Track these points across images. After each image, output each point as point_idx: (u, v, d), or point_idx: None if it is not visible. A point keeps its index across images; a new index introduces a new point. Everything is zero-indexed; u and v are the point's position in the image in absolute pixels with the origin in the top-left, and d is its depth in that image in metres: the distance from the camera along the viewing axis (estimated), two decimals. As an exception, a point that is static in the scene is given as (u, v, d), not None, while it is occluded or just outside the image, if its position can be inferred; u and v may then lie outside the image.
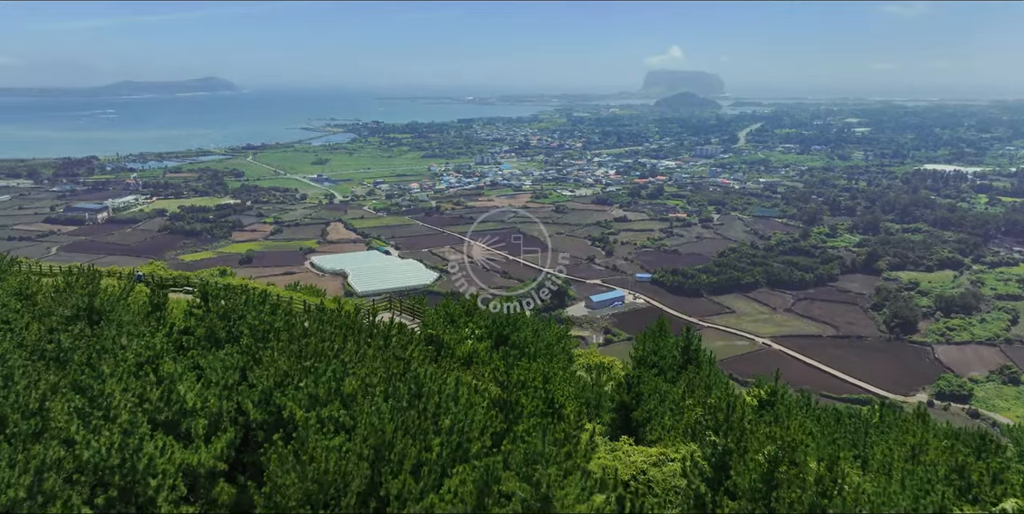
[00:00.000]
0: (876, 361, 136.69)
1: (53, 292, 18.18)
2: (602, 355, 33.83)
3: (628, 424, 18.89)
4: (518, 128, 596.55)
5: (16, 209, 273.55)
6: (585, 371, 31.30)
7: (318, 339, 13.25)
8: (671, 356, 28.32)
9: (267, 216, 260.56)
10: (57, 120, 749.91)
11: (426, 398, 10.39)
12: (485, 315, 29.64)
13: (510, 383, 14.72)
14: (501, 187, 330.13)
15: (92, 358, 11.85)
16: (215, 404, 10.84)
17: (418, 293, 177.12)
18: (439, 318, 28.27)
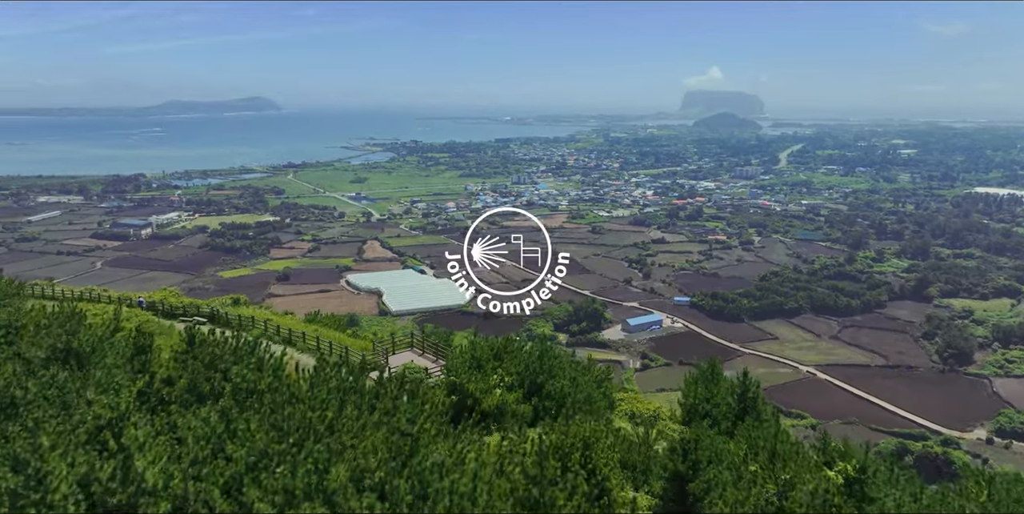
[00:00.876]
0: (929, 393, 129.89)
1: (33, 328, 16.37)
2: (647, 401, 30.64)
3: (683, 497, 16.23)
4: (555, 148, 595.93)
5: (66, 224, 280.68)
6: (629, 421, 28.44)
7: (307, 407, 10.95)
8: (725, 403, 25.37)
9: (305, 234, 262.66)
10: (109, 138, 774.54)
11: (433, 501, 8.04)
12: (517, 357, 26.61)
13: (544, 451, 12.17)
14: (537, 207, 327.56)
15: (40, 419, 9.75)
16: (179, 486, 8.59)
17: (451, 313, 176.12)
18: (464, 362, 25.69)
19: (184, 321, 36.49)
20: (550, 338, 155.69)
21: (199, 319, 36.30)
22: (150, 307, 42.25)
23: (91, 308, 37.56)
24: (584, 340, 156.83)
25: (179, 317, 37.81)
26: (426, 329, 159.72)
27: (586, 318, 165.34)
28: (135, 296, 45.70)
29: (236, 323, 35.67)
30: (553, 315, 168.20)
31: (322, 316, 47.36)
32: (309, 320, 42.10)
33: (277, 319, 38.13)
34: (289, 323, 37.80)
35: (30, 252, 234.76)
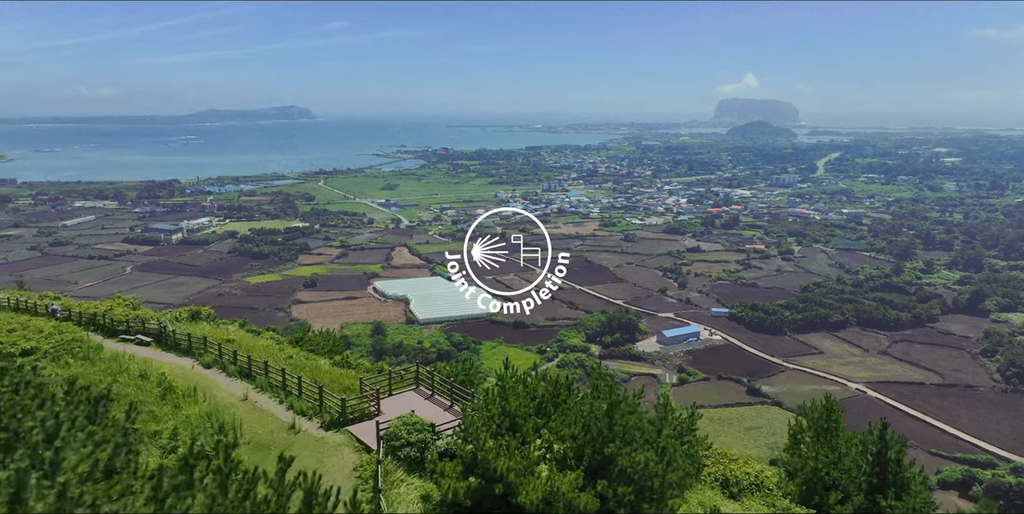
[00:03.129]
0: (992, 415, 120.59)
1: None
2: (738, 458, 22.84)
3: None
4: (586, 155, 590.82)
5: (99, 229, 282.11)
6: (721, 490, 22.07)
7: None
8: (857, 468, 18.57)
9: (334, 240, 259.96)
10: (147, 145, 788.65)
11: None
12: (572, 412, 18.29)
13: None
14: (568, 214, 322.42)
15: None
16: None
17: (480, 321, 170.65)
18: (490, 419, 17.80)
19: (125, 339, 30.70)
20: (582, 349, 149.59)
21: (142, 338, 29.74)
22: (67, 318, 34.52)
23: None
24: (618, 352, 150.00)
25: (120, 334, 32.20)
26: (453, 338, 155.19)
27: (620, 329, 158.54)
28: (50, 302, 38.00)
29: (185, 344, 28.42)
30: (585, 325, 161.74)
31: (313, 334, 38.76)
32: (296, 340, 35.37)
33: (243, 340, 29.90)
34: (257, 346, 29.36)
35: (63, 256, 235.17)
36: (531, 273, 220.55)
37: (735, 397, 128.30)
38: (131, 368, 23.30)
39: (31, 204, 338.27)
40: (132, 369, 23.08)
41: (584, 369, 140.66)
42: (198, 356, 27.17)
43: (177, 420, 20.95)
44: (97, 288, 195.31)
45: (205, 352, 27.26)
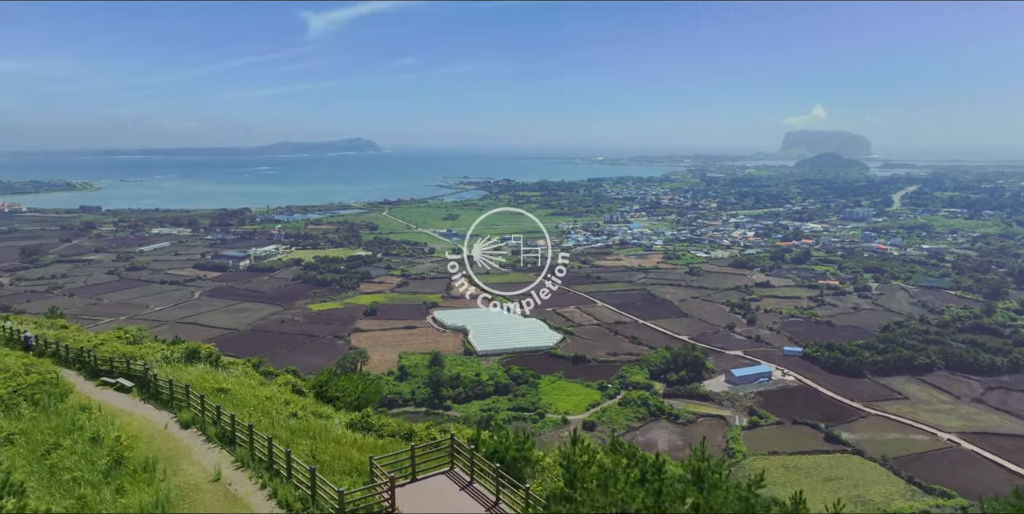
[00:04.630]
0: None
1: None
2: None
3: None
4: (649, 187, 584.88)
5: (173, 255, 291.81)
6: None
7: None
8: None
9: (395, 268, 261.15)
10: (223, 175, 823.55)
11: None
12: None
13: None
14: (630, 246, 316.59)
15: None
16: None
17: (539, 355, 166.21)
18: None
19: (105, 382, 26.14)
20: (645, 386, 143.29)
21: (123, 382, 25.20)
22: (54, 352, 30.60)
23: None
24: (683, 391, 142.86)
25: (103, 375, 26.98)
26: (511, 371, 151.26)
27: (685, 366, 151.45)
28: (23, 329, 33.95)
29: (167, 394, 23.23)
30: (649, 361, 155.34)
31: (341, 378, 31.66)
32: (318, 385, 30.36)
33: (241, 390, 24.24)
34: (256, 397, 23.48)
35: (137, 281, 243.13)
36: (592, 305, 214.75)
37: (812, 444, 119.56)
38: (87, 426, 19.10)
39: (113, 230, 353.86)
40: (87, 428, 18.89)
41: (648, 408, 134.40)
42: (177, 410, 21.93)
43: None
44: (167, 312, 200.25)
45: (187, 406, 21.86)
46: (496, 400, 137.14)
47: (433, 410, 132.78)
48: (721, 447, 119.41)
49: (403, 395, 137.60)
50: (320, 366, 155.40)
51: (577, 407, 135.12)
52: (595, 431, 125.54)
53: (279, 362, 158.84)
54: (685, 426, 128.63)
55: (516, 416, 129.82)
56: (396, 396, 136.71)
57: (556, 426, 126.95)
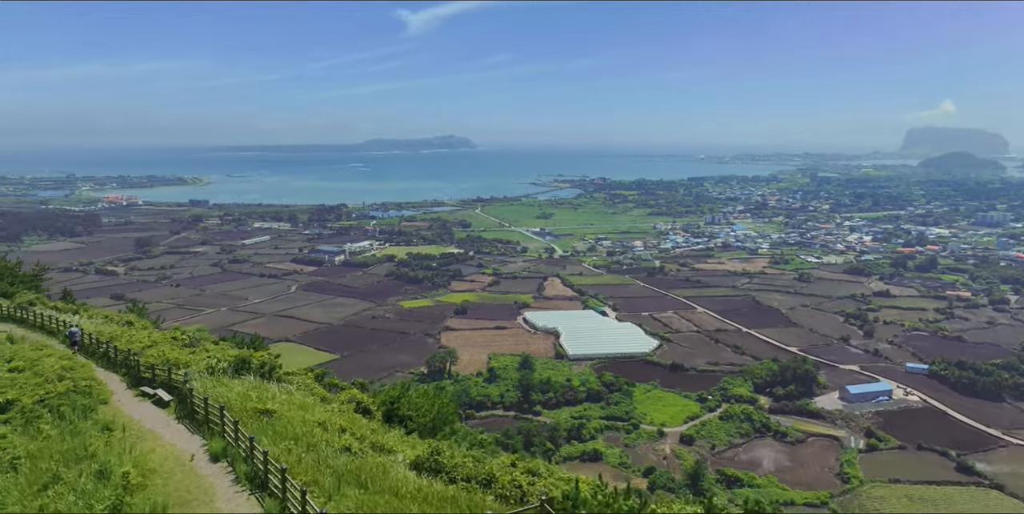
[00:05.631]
0: None
1: None
2: None
3: None
4: (754, 187, 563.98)
5: (273, 249, 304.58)
6: None
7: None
8: None
9: (487, 267, 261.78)
10: (318, 172, 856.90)
11: None
12: None
13: None
14: (734, 249, 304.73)
15: None
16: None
17: (633, 361, 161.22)
18: None
19: (144, 393, 23.35)
20: (749, 400, 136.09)
21: (162, 394, 22.42)
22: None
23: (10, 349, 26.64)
24: (791, 407, 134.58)
25: (145, 384, 24.07)
26: (604, 377, 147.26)
27: (794, 380, 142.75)
28: (70, 324, 31.94)
29: (202, 414, 19.63)
30: (753, 373, 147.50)
31: (414, 393, 26.79)
32: (388, 401, 24.66)
33: (290, 412, 19.87)
34: (306, 422, 19.01)
35: (238, 273, 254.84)
36: (691, 311, 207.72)
37: (939, 473, 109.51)
38: (100, 453, 16.05)
39: (218, 224, 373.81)
40: (100, 455, 15.84)
41: (752, 423, 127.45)
42: (210, 437, 18.54)
43: None
44: (264, 305, 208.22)
45: (220, 432, 18.32)
46: (588, 407, 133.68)
47: (522, 415, 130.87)
48: (834, 471, 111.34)
49: (491, 398, 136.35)
50: (409, 364, 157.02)
51: (674, 419, 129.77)
52: (693, 445, 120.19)
53: (370, 359, 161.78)
54: (793, 445, 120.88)
55: (608, 425, 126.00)
56: (484, 398, 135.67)
57: (652, 438, 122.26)
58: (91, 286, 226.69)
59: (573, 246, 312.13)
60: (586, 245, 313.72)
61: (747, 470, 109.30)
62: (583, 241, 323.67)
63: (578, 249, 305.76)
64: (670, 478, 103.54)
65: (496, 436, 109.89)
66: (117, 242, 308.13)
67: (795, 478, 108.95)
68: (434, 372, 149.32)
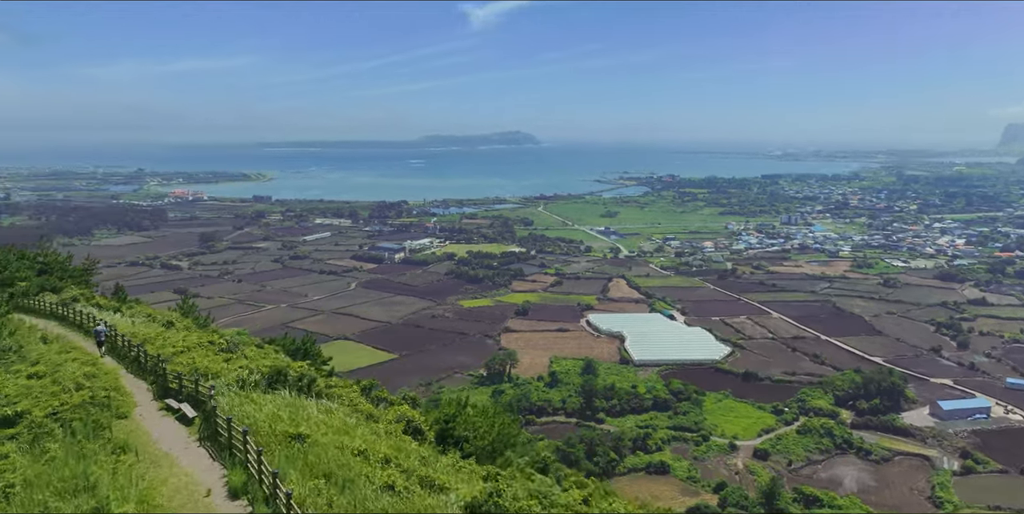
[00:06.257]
0: None
1: None
2: None
3: None
4: (834, 186, 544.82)
5: (333, 245, 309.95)
6: None
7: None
8: None
9: (549, 267, 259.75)
10: (376, 168, 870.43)
11: None
12: None
13: None
14: (812, 251, 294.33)
15: None
16: None
17: (703, 369, 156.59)
18: None
19: (169, 407, 20.73)
20: (829, 413, 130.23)
21: (186, 410, 19.97)
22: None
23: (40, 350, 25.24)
24: (876, 422, 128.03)
25: (172, 395, 21.60)
26: (672, 385, 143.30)
27: (879, 393, 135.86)
28: (97, 321, 30.37)
29: (225, 436, 16.70)
30: (834, 385, 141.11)
31: (470, 414, 24.22)
32: (442, 420, 22.17)
33: (324, 438, 16.68)
34: (344, 448, 16.14)
35: (299, 269, 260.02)
36: (766, 317, 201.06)
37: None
38: (102, 484, 13.64)
39: (280, 219, 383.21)
40: (102, 487, 13.49)
41: (832, 439, 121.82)
42: (231, 465, 15.80)
43: None
44: (324, 302, 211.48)
45: (244, 460, 15.42)
46: (654, 416, 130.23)
47: (584, 422, 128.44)
48: (924, 494, 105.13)
49: (552, 403, 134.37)
50: (468, 366, 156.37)
51: (747, 432, 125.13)
52: (768, 461, 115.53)
53: (428, 359, 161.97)
54: (879, 464, 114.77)
55: (676, 436, 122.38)
56: (545, 404, 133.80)
57: (723, 452, 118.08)
58: (156, 280, 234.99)
59: (639, 246, 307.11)
60: (653, 245, 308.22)
61: (827, 489, 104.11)
62: (650, 241, 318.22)
63: (644, 249, 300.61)
64: (743, 495, 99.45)
65: (557, 444, 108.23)
66: (182, 237, 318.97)
67: (880, 500, 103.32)
68: (493, 374, 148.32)
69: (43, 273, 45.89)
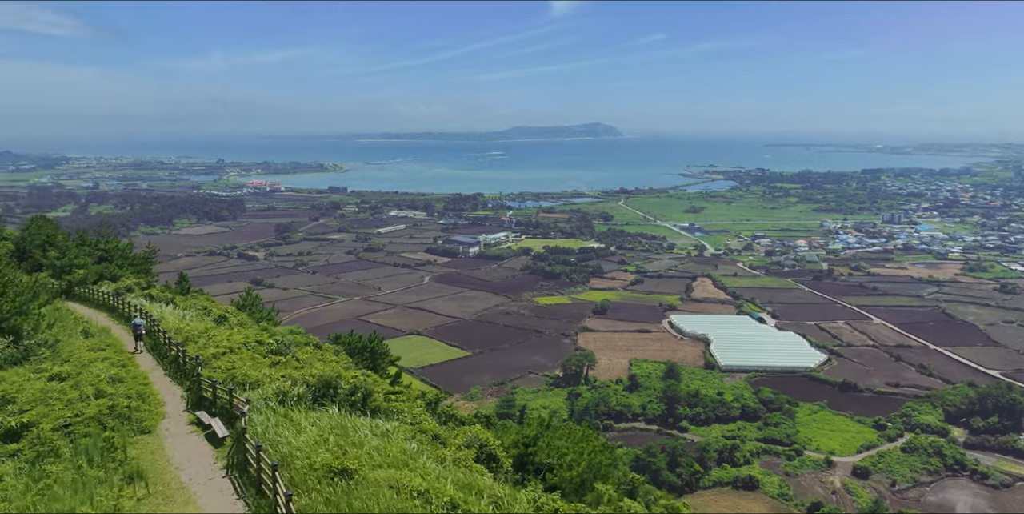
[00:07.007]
0: None
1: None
2: None
3: None
4: (942, 182, 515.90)
5: (407, 238, 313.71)
6: None
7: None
8: None
9: (629, 264, 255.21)
10: (457, 160, 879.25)
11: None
12: None
13: None
14: (917, 253, 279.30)
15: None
16: None
17: (795, 377, 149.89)
18: None
19: (199, 421, 18.09)
20: (939, 430, 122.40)
21: (216, 426, 17.32)
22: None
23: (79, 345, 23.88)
24: (994, 443, 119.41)
25: (205, 405, 18.96)
26: (762, 393, 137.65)
27: (996, 410, 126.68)
28: (135, 310, 29.85)
29: (255, 467, 14.02)
30: (943, 399, 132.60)
31: (552, 435, 22.70)
32: (521, 443, 19.99)
33: (375, 472, 13.48)
34: (403, 490, 12.89)
35: (372, 262, 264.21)
36: (866, 322, 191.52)
37: None
38: None
39: (355, 211, 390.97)
40: None
41: (942, 459, 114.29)
42: (257, 506, 13.17)
43: None
44: (396, 296, 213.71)
45: (273, 503, 12.64)
46: (742, 426, 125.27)
47: (666, 430, 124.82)
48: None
49: (632, 408, 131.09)
50: (544, 366, 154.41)
51: (845, 447, 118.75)
52: (869, 480, 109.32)
53: (502, 358, 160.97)
54: (997, 489, 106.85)
55: (766, 449, 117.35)
56: (624, 409, 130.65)
57: (817, 468, 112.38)
58: (232, 270, 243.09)
59: (726, 244, 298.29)
60: (741, 243, 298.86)
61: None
62: (738, 238, 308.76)
63: (732, 247, 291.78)
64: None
65: (637, 452, 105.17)
66: (259, 227, 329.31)
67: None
68: (569, 376, 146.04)
69: (103, 260, 46.28)
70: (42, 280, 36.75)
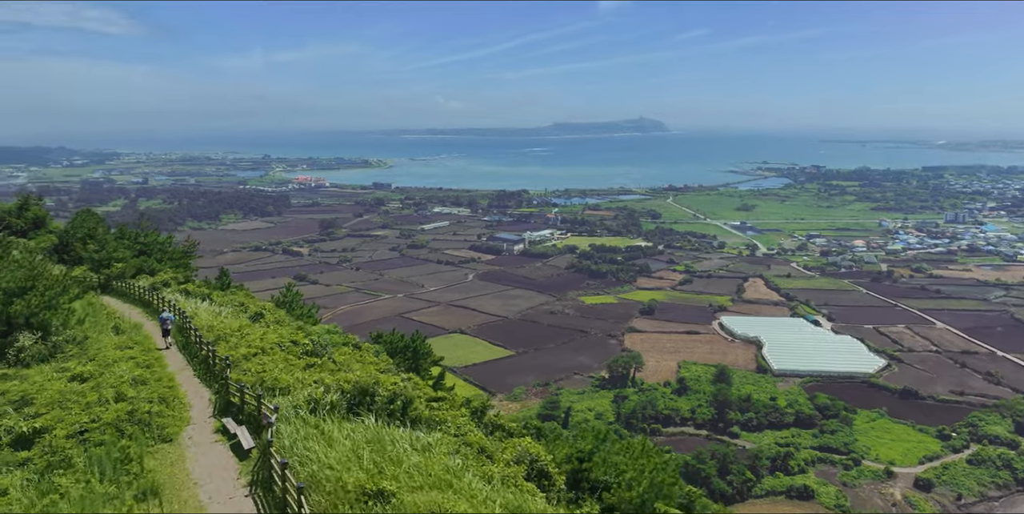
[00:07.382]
0: None
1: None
2: None
3: None
4: (1010, 180, 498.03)
5: (451, 235, 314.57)
6: None
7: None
8: None
9: (678, 263, 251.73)
10: (499, 156, 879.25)
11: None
12: None
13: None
14: (983, 254, 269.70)
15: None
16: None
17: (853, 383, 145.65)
18: None
19: (225, 429, 17.08)
20: (1008, 443, 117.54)
21: (242, 437, 16.32)
22: (197, 354, 23.44)
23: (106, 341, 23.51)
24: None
25: (232, 410, 17.91)
26: (817, 399, 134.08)
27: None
28: (164, 304, 29.81)
29: (280, 486, 12.75)
30: (1014, 409, 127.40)
31: (609, 449, 20.80)
32: (575, 459, 17.46)
33: (412, 493, 11.93)
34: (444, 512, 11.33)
35: (416, 258, 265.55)
36: (928, 327, 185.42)
37: None
38: None
39: (399, 207, 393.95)
40: None
41: (1013, 473, 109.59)
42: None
43: None
44: (440, 293, 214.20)
45: None
46: (796, 433, 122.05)
47: (716, 435, 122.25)
48: None
49: (681, 413, 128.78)
50: (589, 367, 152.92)
51: (906, 458, 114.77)
52: (932, 493, 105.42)
53: (546, 358, 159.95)
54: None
55: (822, 457, 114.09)
56: (673, 413, 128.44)
57: (876, 478, 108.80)
58: (277, 266, 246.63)
59: (779, 243, 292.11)
60: (795, 243, 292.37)
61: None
62: (791, 238, 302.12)
63: (785, 247, 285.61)
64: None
65: (686, 458, 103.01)
66: (303, 223, 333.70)
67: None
68: (616, 378, 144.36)
69: (141, 254, 46.44)
70: (80, 274, 36.85)
